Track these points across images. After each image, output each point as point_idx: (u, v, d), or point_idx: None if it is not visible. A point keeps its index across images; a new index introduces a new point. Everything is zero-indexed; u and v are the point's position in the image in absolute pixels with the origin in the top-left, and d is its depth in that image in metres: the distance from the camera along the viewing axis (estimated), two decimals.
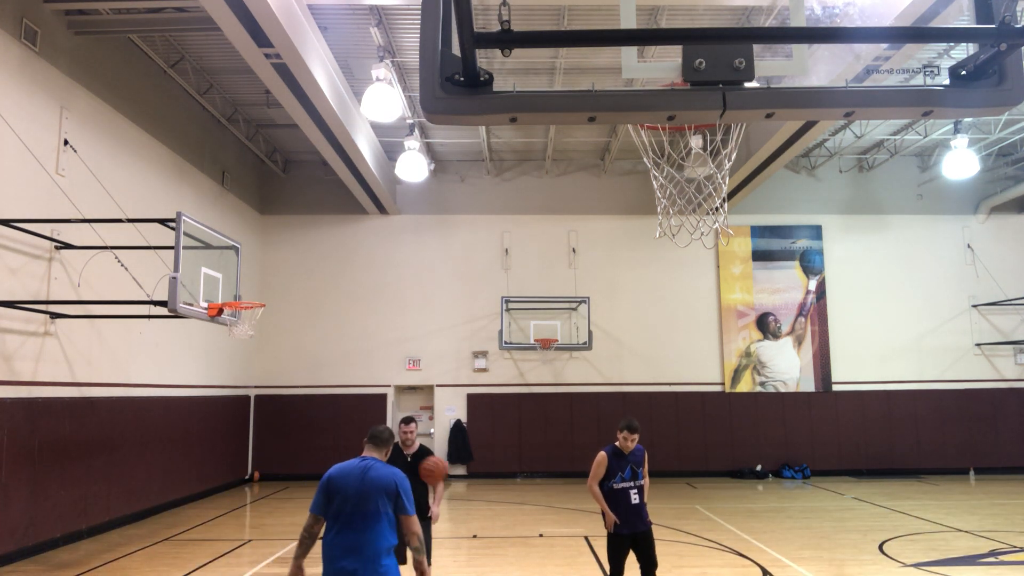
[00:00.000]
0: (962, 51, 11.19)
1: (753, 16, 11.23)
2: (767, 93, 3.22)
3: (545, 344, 16.71)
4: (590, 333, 16.87)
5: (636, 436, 6.14)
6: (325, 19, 11.39)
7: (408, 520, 4.28)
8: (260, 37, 9.35)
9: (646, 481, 6.24)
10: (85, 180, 10.52)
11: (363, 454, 4.47)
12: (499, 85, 3.17)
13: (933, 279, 18.24)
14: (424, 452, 6.58)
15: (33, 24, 9.64)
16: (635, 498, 6.10)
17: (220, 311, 9.54)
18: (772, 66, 3.37)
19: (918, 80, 3.46)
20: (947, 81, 3.25)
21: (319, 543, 4.28)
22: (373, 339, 17.83)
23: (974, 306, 18.10)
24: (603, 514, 6.11)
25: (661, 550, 9.69)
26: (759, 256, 18.27)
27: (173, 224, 8.94)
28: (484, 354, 17.77)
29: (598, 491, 6.15)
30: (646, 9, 10.84)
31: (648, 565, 6.09)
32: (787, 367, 17.90)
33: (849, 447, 17.59)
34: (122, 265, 9.54)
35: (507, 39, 2.91)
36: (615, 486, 6.11)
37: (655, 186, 6.44)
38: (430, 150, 17.53)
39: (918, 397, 17.75)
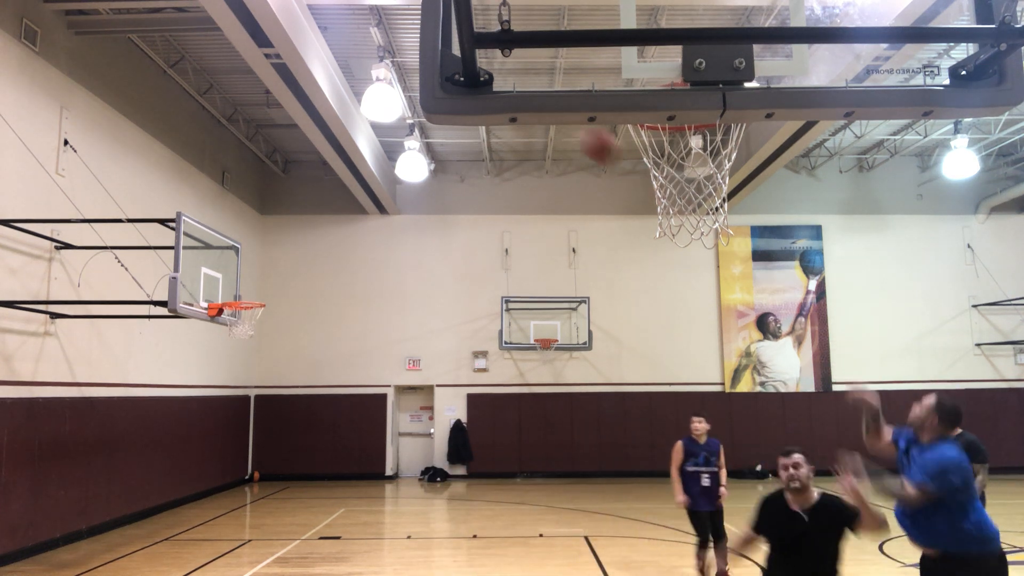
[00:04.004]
0: (962, 51, 11.19)
1: (753, 16, 11.23)
2: (767, 93, 3.22)
3: (545, 344, 16.70)
4: (590, 333, 16.86)
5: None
6: (325, 19, 11.38)
7: None
8: (260, 37, 9.35)
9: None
10: (85, 180, 10.52)
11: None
12: (499, 85, 3.17)
13: (933, 279, 18.23)
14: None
15: (33, 24, 9.64)
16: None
17: (220, 311, 9.54)
18: (772, 66, 3.37)
19: (918, 80, 3.46)
20: (947, 81, 3.25)
21: None
22: (373, 339, 17.82)
23: (974, 306, 18.09)
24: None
25: (660, 550, 9.72)
26: (759, 256, 18.27)
27: (173, 224, 8.93)
28: (484, 354, 17.77)
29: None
30: (646, 9, 10.84)
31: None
32: (787, 367, 17.89)
33: (849, 447, 17.44)
34: (122, 265, 9.54)
35: (507, 39, 2.91)
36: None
37: (655, 186, 6.45)
38: (430, 150, 17.53)
39: (918, 397, 17.63)
